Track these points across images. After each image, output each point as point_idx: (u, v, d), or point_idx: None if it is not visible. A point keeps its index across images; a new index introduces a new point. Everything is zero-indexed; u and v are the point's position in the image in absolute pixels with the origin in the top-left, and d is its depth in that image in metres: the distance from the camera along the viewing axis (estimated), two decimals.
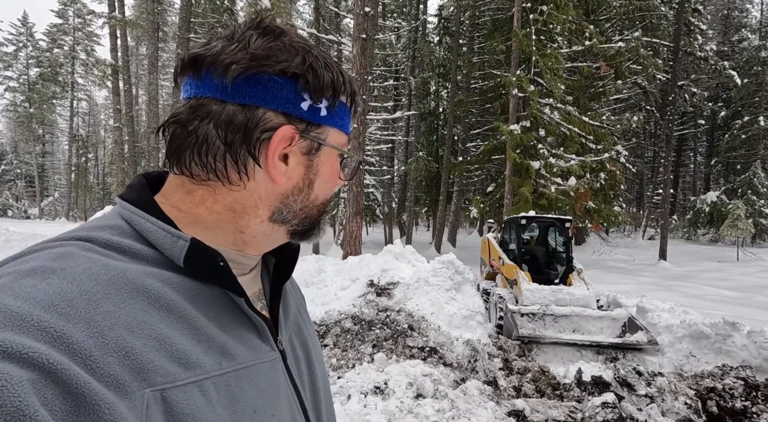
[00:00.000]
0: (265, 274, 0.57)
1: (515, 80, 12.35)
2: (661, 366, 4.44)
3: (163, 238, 0.43)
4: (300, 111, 0.47)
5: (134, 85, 32.43)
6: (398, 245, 6.79)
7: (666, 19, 19.29)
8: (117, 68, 14.66)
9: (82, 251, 0.39)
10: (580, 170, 12.80)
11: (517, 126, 12.60)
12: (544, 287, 5.87)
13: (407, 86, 20.04)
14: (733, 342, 4.07)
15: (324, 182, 0.51)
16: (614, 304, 6.08)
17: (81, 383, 0.31)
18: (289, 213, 0.49)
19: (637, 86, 19.67)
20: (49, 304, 0.33)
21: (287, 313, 0.57)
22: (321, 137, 0.49)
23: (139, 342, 0.36)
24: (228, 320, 0.45)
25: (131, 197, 0.47)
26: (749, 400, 3.42)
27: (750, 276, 12.88)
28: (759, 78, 23.55)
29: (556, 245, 7.46)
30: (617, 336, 5.25)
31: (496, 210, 15.34)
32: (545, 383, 3.84)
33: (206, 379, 0.39)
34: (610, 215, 13.84)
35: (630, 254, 17.91)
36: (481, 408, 3.17)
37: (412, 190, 19.61)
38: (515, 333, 5.06)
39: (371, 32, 9.11)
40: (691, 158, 31.79)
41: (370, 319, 4.68)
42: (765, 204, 20.44)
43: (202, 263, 0.43)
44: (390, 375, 3.42)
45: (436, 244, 18.14)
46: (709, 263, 15.97)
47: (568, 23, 12.93)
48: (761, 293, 9.90)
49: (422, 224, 33.53)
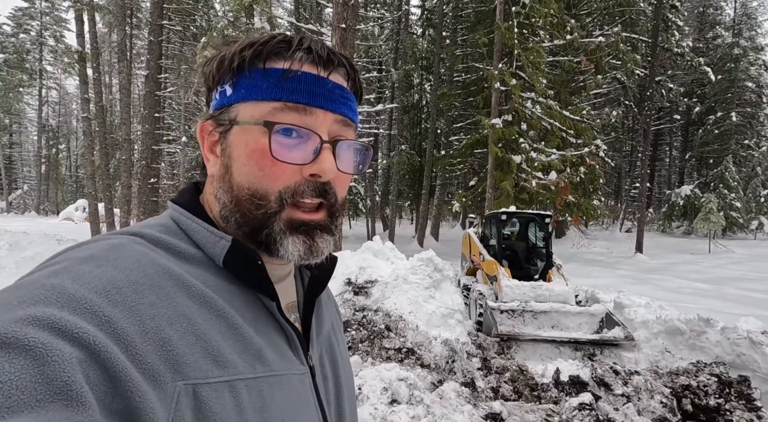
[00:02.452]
0: (300, 287, 0.56)
1: (498, 74, 12.28)
2: (637, 362, 4.45)
3: (207, 237, 0.46)
4: (214, 103, 0.49)
5: (107, 73, 31.19)
6: (377, 241, 6.66)
7: (645, 15, 19.54)
8: (84, 55, 13.92)
9: (133, 245, 0.41)
10: (560, 165, 12.88)
11: (499, 120, 12.57)
12: (523, 284, 5.85)
13: (390, 79, 19.80)
14: (707, 338, 4.11)
15: (243, 165, 0.46)
16: (592, 299, 6.11)
17: (120, 367, 0.32)
18: (225, 209, 0.47)
19: (616, 81, 19.95)
20: (101, 290, 0.35)
21: (320, 328, 0.56)
22: (230, 116, 0.47)
23: (177, 335, 0.37)
24: (263, 325, 0.45)
25: (181, 200, 0.50)
26: (722, 397, 3.44)
27: (721, 268, 13.29)
28: (732, 75, 24.19)
29: (536, 241, 7.46)
30: (595, 331, 5.27)
31: (479, 204, 15.37)
32: (523, 383, 3.79)
33: (239, 380, 0.39)
34: (590, 209, 14.03)
35: (608, 247, 18.28)
36: (457, 413, 3.09)
37: (395, 183, 19.49)
38: (494, 330, 5.02)
39: (351, 22, 8.84)
40: (666, 152, 32.59)
41: (345, 319, 4.55)
42: (735, 198, 21.13)
43: (241, 262, 0.45)
44: (364, 380, 3.30)
45: (419, 238, 18.11)
46: (683, 256, 16.43)
47: (549, 17, 12.90)
48: (732, 286, 10.20)
49: (405, 218, 33.52)
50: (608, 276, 11.15)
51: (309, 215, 0.46)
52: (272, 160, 0.44)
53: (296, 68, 0.46)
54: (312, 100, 0.46)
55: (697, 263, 14.41)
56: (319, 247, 0.47)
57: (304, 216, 0.46)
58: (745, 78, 24.12)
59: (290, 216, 0.45)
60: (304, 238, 0.46)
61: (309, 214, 0.46)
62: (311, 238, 0.46)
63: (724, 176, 21.77)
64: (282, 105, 0.45)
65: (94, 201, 14.55)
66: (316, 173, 0.46)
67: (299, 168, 0.45)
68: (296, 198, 0.45)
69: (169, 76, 16.23)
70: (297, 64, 0.46)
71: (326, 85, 0.47)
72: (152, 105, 13.96)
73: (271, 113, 0.45)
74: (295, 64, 0.46)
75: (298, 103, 0.45)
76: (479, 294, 6.17)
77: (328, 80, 0.47)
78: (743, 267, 13.54)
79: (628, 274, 11.95)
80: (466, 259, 7.98)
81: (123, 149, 15.01)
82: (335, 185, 0.48)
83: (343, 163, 0.48)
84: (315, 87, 0.46)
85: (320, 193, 0.46)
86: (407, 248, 14.22)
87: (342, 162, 0.48)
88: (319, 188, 0.46)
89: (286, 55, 0.46)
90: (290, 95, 0.45)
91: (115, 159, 23.90)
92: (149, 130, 13.81)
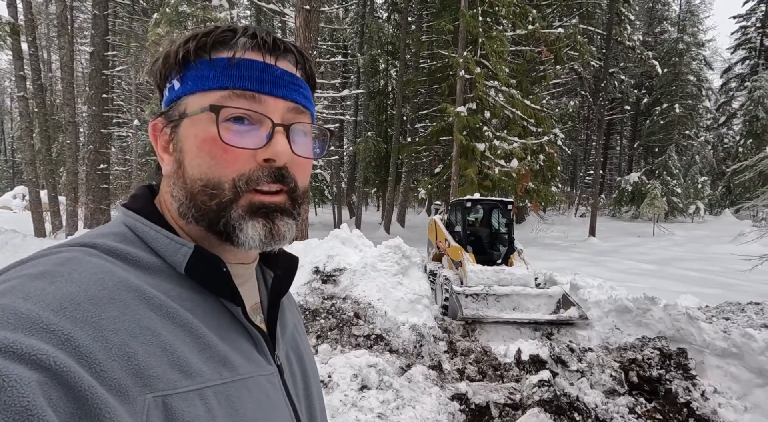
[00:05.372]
0: (263, 288, 0.56)
1: (462, 61, 12.40)
2: (591, 339, 4.77)
3: (167, 245, 0.44)
4: (164, 100, 0.48)
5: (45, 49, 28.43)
6: (345, 229, 6.64)
7: (600, 8, 20.32)
8: (18, 28, 12.57)
9: (88, 257, 0.39)
10: (521, 153, 13.32)
11: (463, 108, 12.75)
12: (487, 268, 6.06)
13: (355, 64, 19.47)
14: (651, 315, 4.46)
15: (194, 157, 0.45)
16: (550, 282, 6.44)
17: (85, 386, 0.31)
18: (182, 206, 0.46)
19: (573, 72, 20.72)
20: (57, 307, 0.33)
21: (285, 328, 0.56)
22: (179, 110, 0.46)
23: (142, 348, 0.36)
24: (227, 331, 0.45)
25: (135, 205, 0.48)
26: (664, 368, 3.77)
27: (664, 250, 14.40)
28: (676, 68, 25.76)
29: (499, 227, 7.73)
30: (552, 312, 5.58)
31: (444, 191, 15.64)
32: (487, 363, 3.97)
33: (207, 388, 0.39)
34: (548, 195, 14.68)
35: (564, 232, 19.25)
36: (425, 395, 3.19)
37: (362, 170, 19.39)
38: (460, 314, 5.18)
39: (316, 3, 8.56)
40: (618, 141, 34.47)
41: (314, 308, 4.54)
42: (677, 184, 22.79)
43: (204, 269, 0.44)
44: (334, 368, 3.33)
45: (386, 225, 18.23)
46: (631, 239, 17.62)
47: (512, 6, 13.12)
48: (673, 266, 11.09)
49: (372, 205, 33.57)
50: (565, 259, 11.78)
51: (269, 197, 0.45)
52: (223, 146, 0.43)
53: (240, 55, 0.45)
54: (260, 87, 0.45)
55: (643, 246, 15.52)
56: (281, 231, 0.46)
57: (263, 198, 0.45)
58: (687, 72, 25.80)
59: (249, 200, 0.44)
60: (264, 221, 0.45)
61: (268, 196, 0.45)
62: (271, 221, 0.45)
63: (668, 164, 23.39)
64: (230, 93, 0.44)
65: (36, 188, 13.42)
66: (270, 158, 0.45)
67: (253, 154, 0.44)
68: (252, 185, 0.44)
69: (118, 55, 15.08)
70: (241, 52, 0.45)
71: (274, 72, 0.46)
72: (99, 85, 12.95)
73: (219, 100, 0.44)
74: (239, 52, 0.45)
75: (246, 90, 0.44)
76: (445, 280, 6.33)
77: (276, 67, 0.47)
78: (682, 248, 14.74)
79: (583, 257, 12.68)
80: (433, 245, 8.14)
81: (67, 131, 13.88)
82: (293, 171, 0.47)
83: (298, 147, 0.47)
84: (262, 74, 0.45)
85: (277, 178, 0.45)
86: (374, 234, 14.28)
87: (298, 146, 0.47)
88: (275, 173, 0.45)
89: (230, 43, 0.46)
90: (237, 82, 0.44)
91: (58, 143, 22.08)
92: (96, 112, 12.84)
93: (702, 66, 27.00)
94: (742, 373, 3.51)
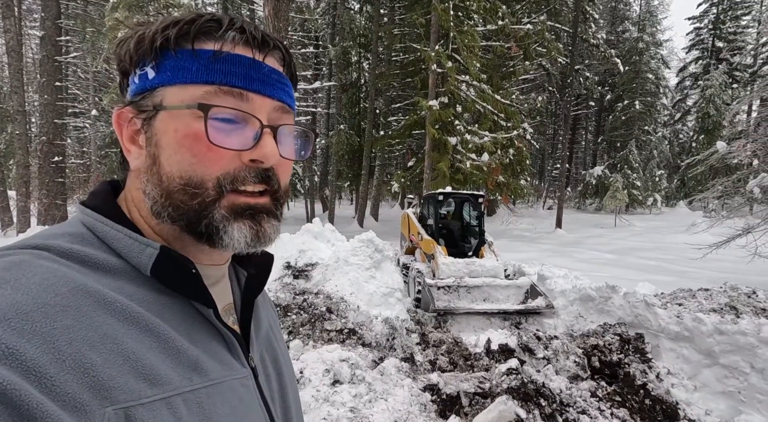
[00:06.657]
0: (236, 288, 0.54)
1: (434, 55, 12.44)
2: (556, 327, 4.96)
3: (130, 245, 0.41)
4: (133, 88, 0.45)
5: None
6: (317, 224, 6.57)
7: (567, 6, 20.88)
8: None
9: (39, 260, 0.36)
10: (492, 147, 13.58)
11: (436, 102, 12.83)
12: (458, 261, 6.17)
13: (327, 55, 19.16)
14: (612, 302, 4.68)
15: (173, 153, 0.42)
16: (519, 273, 6.63)
17: (33, 404, 0.29)
18: (157, 204, 0.43)
19: (542, 68, 21.24)
20: (1, 318, 0.31)
21: (259, 328, 0.54)
22: (155, 102, 0.43)
23: (101, 358, 0.34)
24: (198, 334, 0.43)
25: (94, 203, 0.45)
26: (623, 353, 3.97)
27: (624, 240, 15.13)
28: (637, 66, 26.92)
29: (470, 219, 7.87)
30: (521, 302, 5.76)
31: (417, 184, 15.75)
32: (458, 354, 4.05)
33: (175, 396, 0.37)
34: (517, 189, 15.06)
35: (532, 224, 19.86)
36: (398, 387, 3.22)
37: (335, 164, 19.20)
38: (432, 306, 5.26)
39: None
40: (583, 136, 35.78)
41: (286, 304, 4.47)
42: (637, 178, 23.95)
43: (171, 271, 0.41)
44: (306, 363, 3.30)
45: (359, 218, 18.19)
46: (594, 230, 18.40)
47: (483, 1, 13.26)
48: (632, 255, 11.68)
49: (345, 198, 33.38)
50: (532, 251, 12.17)
51: (254, 199, 0.44)
52: (207, 145, 0.41)
53: (228, 49, 0.43)
54: (248, 84, 0.43)
55: (605, 236, 16.24)
56: (267, 232, 0.45)
57: (249, 200, 0.44)
58: (647, 70, 27.03)
59: (233, 201, 0.43)
60: (251, 223, 0.44)
61: (254, 198, 0.44)
62: (258, 223, 0.44)
63: (629, 158, 24.52)
64: (216, 89, 0.42)
65: None
66: (257, 159, 0.43)
67: (238, 154, 0.43)
68: (237, 185, 0.43)
69: (72, 40, 14.16)
70: (229, 46, 0.43)
71: (262, 70, 0.44)
72: (51, 72, 12.14)
73: (204, 96, 0.42)
74: (227, 46, 0.43)
75: (234, 87, 0.42)
76: (418, 272, 6.40)
77: (264, 64, 0.45)
78: (641, 238, 15.54)
79: (550, 248, 13.13)
80: (406, 238, 8.20)
81: (16, 121, 12.95)
82: (278, 172, 0.46)
83: (285, 149, 0.46)
84: (250, 71, 0.43)
85: (263, 179, 0.44)
86: (347, 228, 14.22)
87: (284, 148, 0.46)
88: (261, 174, 0.44)
89: (216, 35, 0.43)
90: (224, 78, 0.42)
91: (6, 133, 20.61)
92: (49, 101, 12.04)
93: (660, 65, 28.34)
94: (693, 355, 3.75)
